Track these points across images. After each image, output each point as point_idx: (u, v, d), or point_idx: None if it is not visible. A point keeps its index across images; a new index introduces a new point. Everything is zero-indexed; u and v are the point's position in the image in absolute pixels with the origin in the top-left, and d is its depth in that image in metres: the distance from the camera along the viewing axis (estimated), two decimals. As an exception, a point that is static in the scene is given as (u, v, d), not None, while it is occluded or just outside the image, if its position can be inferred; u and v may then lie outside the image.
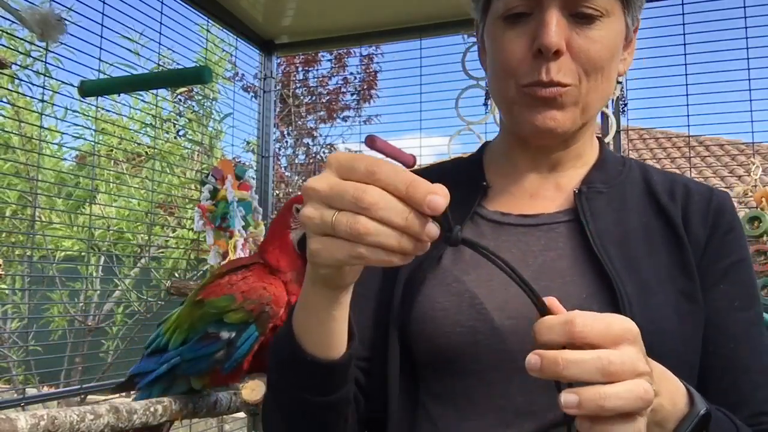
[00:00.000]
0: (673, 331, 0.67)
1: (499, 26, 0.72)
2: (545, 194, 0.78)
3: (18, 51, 2.16)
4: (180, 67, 2.00)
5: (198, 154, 3.00)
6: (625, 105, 1.77)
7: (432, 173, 0.84)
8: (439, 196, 0.45)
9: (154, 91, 2.28)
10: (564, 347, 0.47)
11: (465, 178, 0.80)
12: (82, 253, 2.97)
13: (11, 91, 2.66)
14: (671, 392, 0.54)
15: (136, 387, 1.27)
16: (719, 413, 0.62)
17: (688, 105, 1.88)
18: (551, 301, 0.50)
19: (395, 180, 0.46)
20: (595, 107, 0.73)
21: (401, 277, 0.74)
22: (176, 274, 2.74)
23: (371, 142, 1.85)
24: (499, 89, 0.74)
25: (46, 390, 2.62)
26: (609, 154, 0.81)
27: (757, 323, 0.72)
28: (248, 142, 2.38)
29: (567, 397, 0.45)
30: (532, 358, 0.47)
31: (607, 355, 0.46)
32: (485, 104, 0.90)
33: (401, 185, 0.46)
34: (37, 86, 1.57)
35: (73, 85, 1.49)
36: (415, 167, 1.94)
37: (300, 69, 5.82)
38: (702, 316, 0.70)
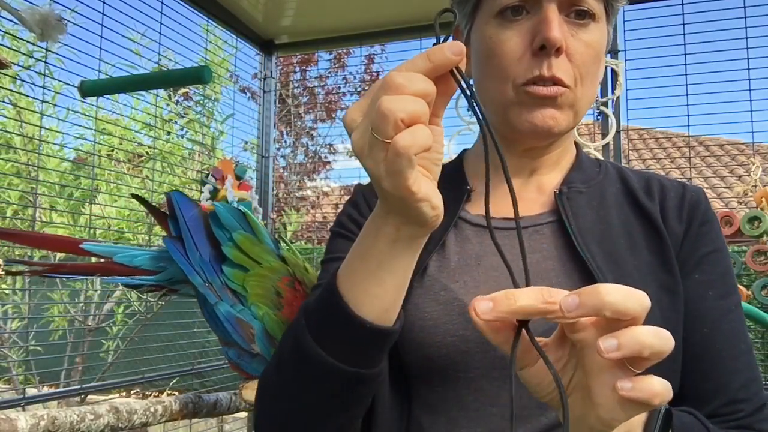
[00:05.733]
0: (655, 324, 0.67)
1: (493, 26, 0.71)
2: (528, 196, 0.78)
3: (20, 52, 2.16)
4: (181, 67, 2.00)
5: (199, 155, 3.01)
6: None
7: None
8: (449, 50, 0.46)
9: (156, 92, 2.28)
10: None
11: (446, 183, 0.80)
12: (83, 253, 2.97)
13: (13, 91, 2.66)
14: None
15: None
16: (686, 415, 0.62)
17: (688, 105, 1.87)
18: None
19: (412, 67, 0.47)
20: (584, 112, 0.74)
21: None
22: (176, 274, 2.73)
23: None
24: (493, 91, 0.72)
25: (46, 390, 2.62)
26: (585, 156, 0.82)
27: (734, 311, 0.72)
28: (247, 142, 2.38)
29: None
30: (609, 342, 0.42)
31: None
32: (468, 111, 0.89)
33: (421, 63, 0.47)
34: (39, 87, 1.57)
35: (74, 86, 1.49)
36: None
37: (297, 69, 5.82)
38: (682, 308, 0.70)
